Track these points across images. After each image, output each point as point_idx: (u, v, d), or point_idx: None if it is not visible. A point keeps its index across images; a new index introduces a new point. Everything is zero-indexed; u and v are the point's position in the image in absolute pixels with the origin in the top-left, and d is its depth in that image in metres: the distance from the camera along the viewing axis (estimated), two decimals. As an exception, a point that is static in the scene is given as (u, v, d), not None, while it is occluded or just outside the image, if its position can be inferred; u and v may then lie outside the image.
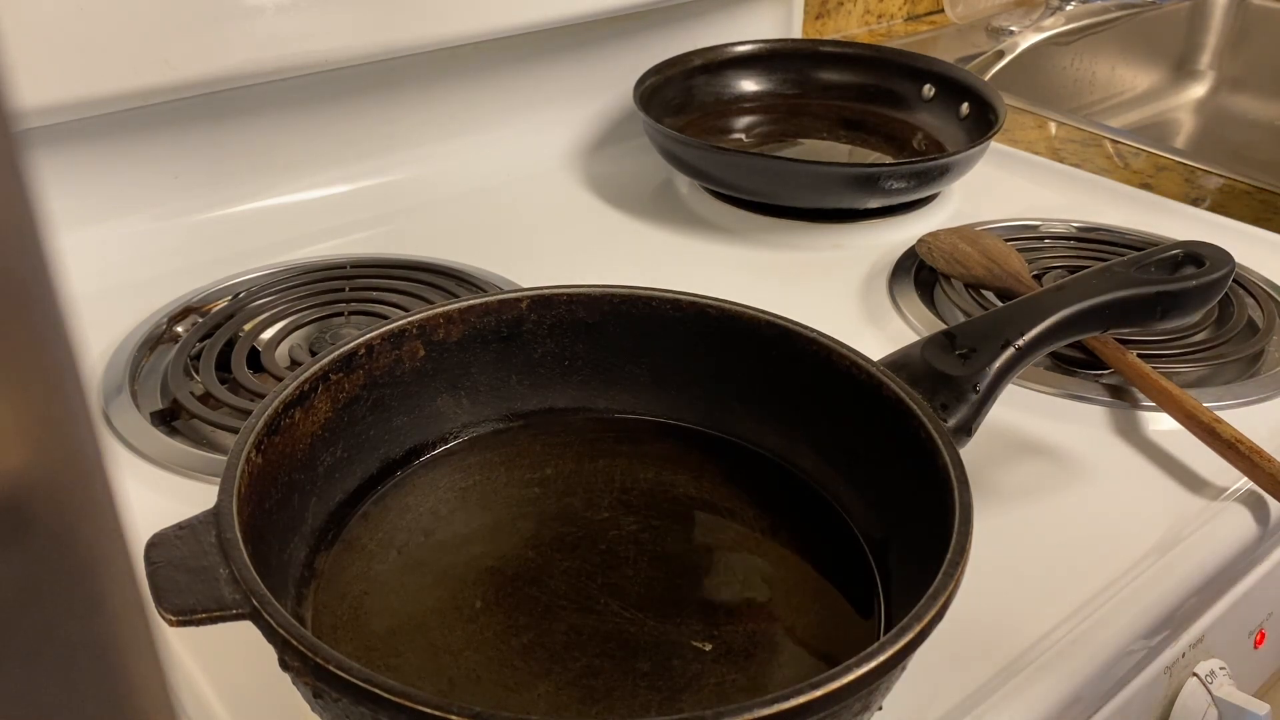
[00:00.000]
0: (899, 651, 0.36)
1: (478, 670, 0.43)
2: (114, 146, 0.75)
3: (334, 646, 0.35)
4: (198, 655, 0.47)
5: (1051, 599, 0.51)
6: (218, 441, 0.60)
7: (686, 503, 0.52)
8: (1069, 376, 0.66)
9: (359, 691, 0.34)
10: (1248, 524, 0.56)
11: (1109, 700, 0.52)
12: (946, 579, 0.38)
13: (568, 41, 0.93)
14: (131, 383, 0.64)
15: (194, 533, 0.39)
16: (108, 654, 0.15)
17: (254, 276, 0.74)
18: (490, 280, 0.74)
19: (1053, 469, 0.60)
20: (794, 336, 0.52)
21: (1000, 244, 0.75)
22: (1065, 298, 0.56)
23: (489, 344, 0.54)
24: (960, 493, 0.42)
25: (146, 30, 0.70)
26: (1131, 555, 0.54)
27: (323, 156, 0.84)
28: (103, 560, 0.15)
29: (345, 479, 0.50)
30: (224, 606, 0.37)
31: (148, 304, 0.71)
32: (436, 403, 0.53)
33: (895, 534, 0.48)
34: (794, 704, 0.34)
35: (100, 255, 0.73)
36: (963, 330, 0.54)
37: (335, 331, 0.68)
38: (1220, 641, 0.59)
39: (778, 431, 0.54)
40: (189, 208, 0.79)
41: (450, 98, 0.89)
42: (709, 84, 0.98)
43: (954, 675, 0.47)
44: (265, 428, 0.44)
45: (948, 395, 0.50)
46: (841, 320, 0.72)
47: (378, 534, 0.49)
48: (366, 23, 0.78)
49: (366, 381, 0.50)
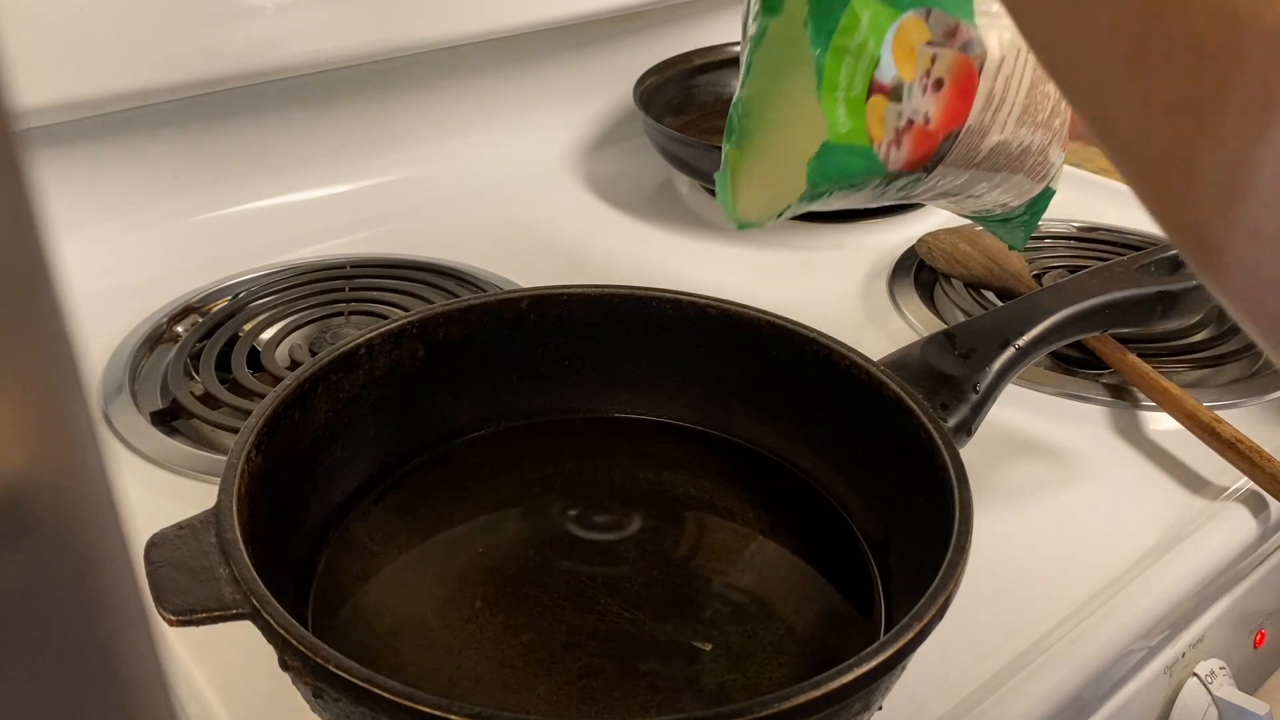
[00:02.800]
0: (899, 651, 0.36)
1: (478, 670, 0.43)
2: (114, 146, 0.75)
3: (334, 647, 0.35)
4: (198, 655, 0.47)
5: (1051, 599, 0.51)
6: (218, 441, 0.60)
7: (686, 503, 0.52)
8: (1069, 376, 0.66)
9: (359, 691, 0.34)
10: (1248, 524, 0.56)
11: (1109, 700, 0.52)
12: (946, 579, 0.38)
13: (568, 41, 0.93)
14: (131, 383, 0.64)
15: (194, 533, 0.39)
16: (108, 654, 0.15)
17: (254, 276, 0.74)
18: (490, 280, 0.74)
19: (1053, 469, 0.60)
20: (794, 336, 0.52)
21: (1000, 244, 0.75)
22: (1065, 298, 0.56)
23: (489, 344, 0.54)
24: (960, 492, 0.42)
25: (146, 30, 0.70)
26: (1131, 555, 0.54)
27: (323, 156, 0.84)
28: (103, 560, 0.15)
29: (345, 479, 0.50)
30: (224, 606, 0.37)
31: (148, 304, 0.71)
32: (436, 403, 0.53)
33: (895, 534, 0.48)
34: (794, 704, 0.34)
35: (100, 255, 0.73)
36: (963, 330, 0.54)
37: (335, 331, 0.68)
38: (1220, 641, 0.59)
39: (778, 431, 0.54)
40: (189, 208, 0.79)
41: (450, 98, 0.89)
42: (709, 84, 0.98)
43: (954, 675, 0.47)
44: (265, 428, 0.44)
45: (948, 395, 0.50)
46: (841, 320, 0.72)
47: (378, 534, 0.49)
48: (366, 23, 0.78)
49: (366, 381, 0.50)
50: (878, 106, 0.42)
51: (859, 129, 0.43)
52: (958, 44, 0.43)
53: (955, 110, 0.44)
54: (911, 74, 0.42)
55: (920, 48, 0.42)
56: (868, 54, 0.41)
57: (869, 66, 0.42)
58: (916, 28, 0.42)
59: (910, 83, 0.42)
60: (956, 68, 0.43)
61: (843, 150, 0.43)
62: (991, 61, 0.44)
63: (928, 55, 0.42)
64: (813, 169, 0.43)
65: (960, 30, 0.43)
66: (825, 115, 0.42)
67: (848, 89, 0.42)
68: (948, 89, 0.43)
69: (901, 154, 0.44)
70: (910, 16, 0.42)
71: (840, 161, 0.43)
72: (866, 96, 0.42)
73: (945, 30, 0.43)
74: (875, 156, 0.43)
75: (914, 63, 0.42)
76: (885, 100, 0.42)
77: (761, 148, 0.44)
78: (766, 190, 0.45)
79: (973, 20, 0.43)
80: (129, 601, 0.15)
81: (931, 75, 0.43)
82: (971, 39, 0.43)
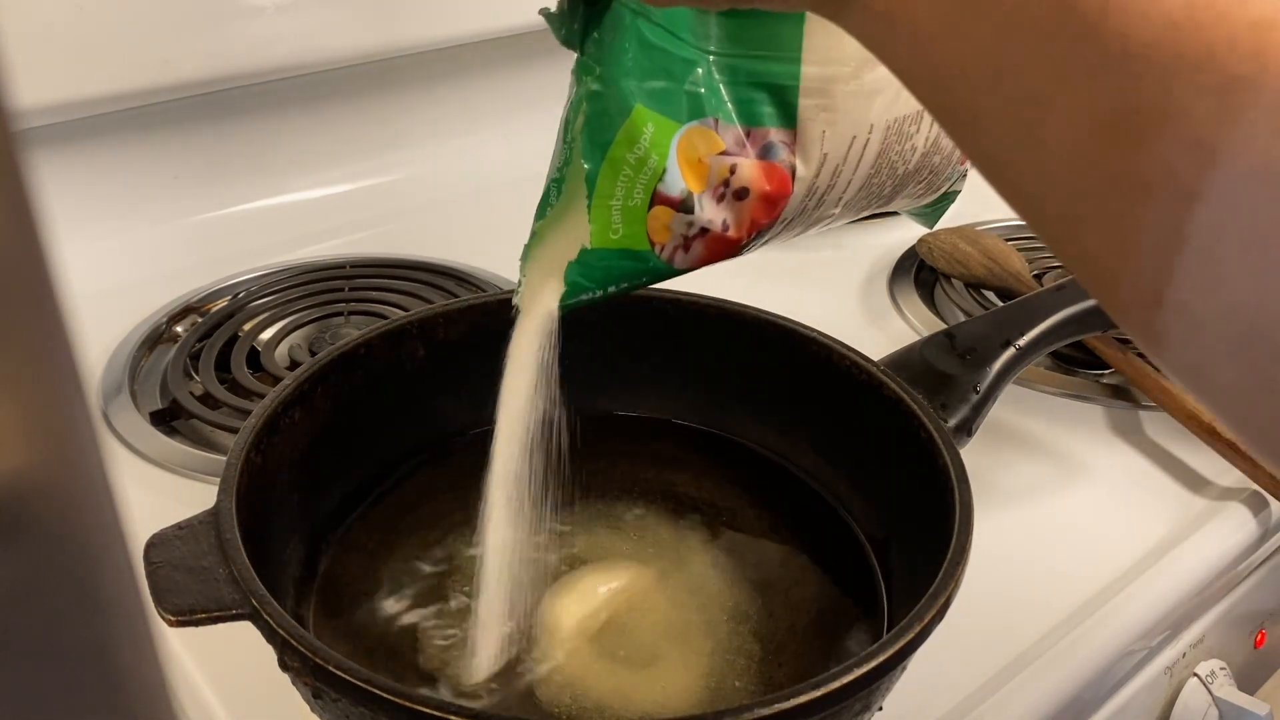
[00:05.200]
0: (899, 651, 0.36)
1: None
2: (114, 146, 0.75)
3: (334, 647, 0.35)
4: (198, 655, 0.47)
5: (1051, 599, 0.51)
6: (217, 441, 0.60)
7: (686, 502, 0.52)
8: (1069, 376, 0.66)
9: (359, 691, 0.34)
10: (1248, 524, 0.56)
11: (1109, 700, 0.52)
12: (947, 579, 0.38)
13: (568, 41, 0.93)
14: (131, 383, 0.64)
15: (194, 533, 0.39)
16: (108, 654, 0.15)
17: (254, 276, 0.74)
18: (490, 280, 0.74)
19: (1053, 469, 0.60)
20: (794, 336, 0.52)
21: (1000, 244, 0.75)
22: (1065, 297, 0.56)
23: (489, 344, 0.54)
24: (960, 492, 0.42)
25: (146, 30, 0.70)
26: (1131, 555, 0.54)
27: (323, 156, 0.84)
28: (103, 560, 0.15)
29: (345, 479, 0.50)
30: (224, 607, 0.37)
31: (148, 304, 0.71)
32: (436, 403, 0.53)
33: (896, 534, 0.48)
34: (794, 704, 0.34)
35: (100, 255, 0.73)
36: (963, 330, 0.54)
37: (335, 331, 0.68)
38: (1221, 641, 0.59)
39: (778, 431, 0.53)
40: (189, 208, 0.79)
41: (450, 98, 0.89)
42: (709, 84, 0.98)
43: (954, 675, 0.47)
44: (265, 428, 0.44)
45: (948, 395, 0.50)
46: (841, 320, 0.72)
47: (377, 534, 0.49)
48: (366, 23, 0.78)
49: (366, 381, 0.50)
50: (662, 215, 0.40)
51: (637, 234, 0.40)
52: (756, 150, 0.40)
53: (761, 213, 0.41)
54: (701, 186, 0.39)
55: (711, 159, 0.39)
56: (649, 167, 0.39)
57: (651, 179, 0.39)
58: (704, 137, 0.39)
59: (700, 194, 0.39)
60: (760, 175, 0.40)
61: (612, 254, 0.40)
62: (811, 162, 0.41)
63: (724, 165, 0.39)
64: (572, 270, 0.41)
65: (755, 136, 0.40)
66: (591, 222, 0.40)
67: (625, 199, 0.39)
68: (754, 198, 0.40)
69: (691, 256, 0.41)
70: (695, 127, 0.39)
71: (608, 265, 0.41)
72: (648, 207, 0.39)
73: (736, 139, 0.39)
74: (655, 258, 0.41)
75: (704, 174, 0.39)
76: (672, 211, 0.39)
77: (549, 236, 0.42)
78: (546, 282, 0.42)
79: (772, 122, 0.40)
80: (129, 601, 0.15)
81: (732, 185, 0.40)
82: (771, 143, 0.40)
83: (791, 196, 0.41)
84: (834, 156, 0.41)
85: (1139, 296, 0.27)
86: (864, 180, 0.43)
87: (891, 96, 0.41)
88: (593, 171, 0.39)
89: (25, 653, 0.14)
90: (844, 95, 0.40)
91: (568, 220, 0.41)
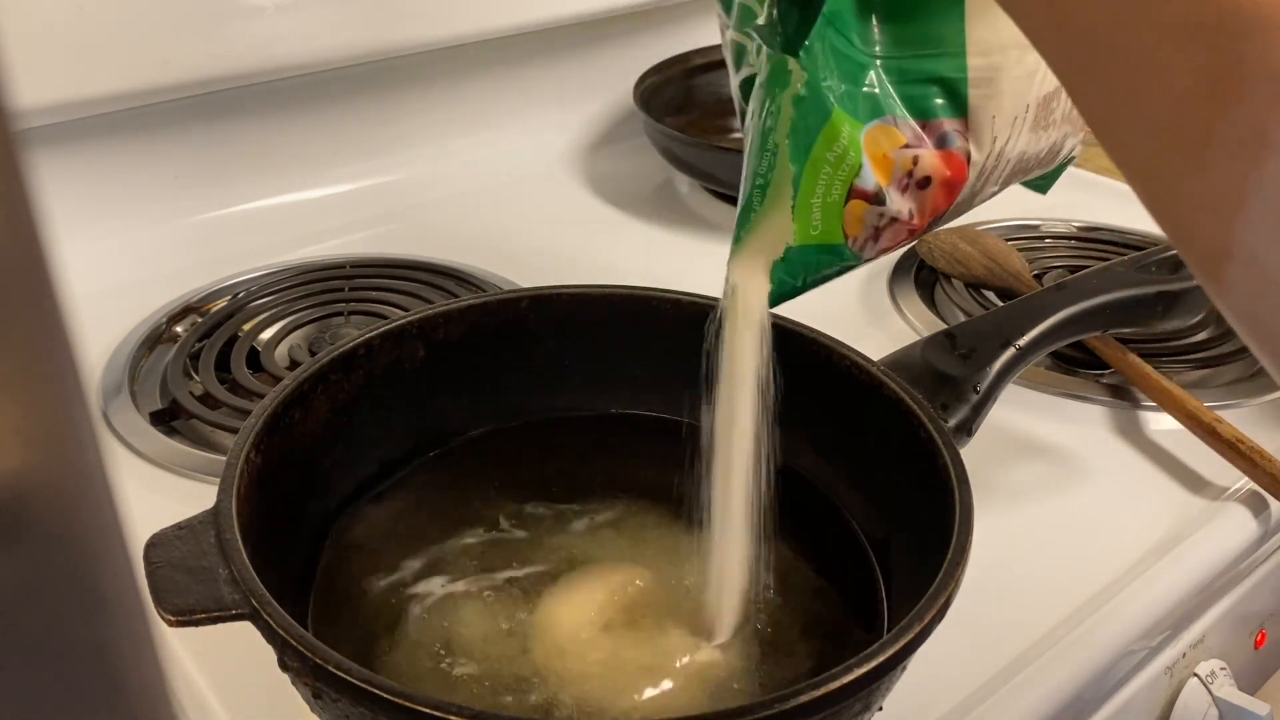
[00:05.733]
0: (899, 651, 0.36)
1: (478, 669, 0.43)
2: (114, 146, 0.75)
3: (334, 647, 0.35)
4: (198, 655, 0.47)
5: (1051, 599, 0.51)
6: (217, 441, 0.60)
7: (687, 502, 0.52)
8: (1069, 376, 0.66)
9: (359, 692, 0.34)
10: (1248, 524, 0.56)
11: (1109, 700, 0.52)
12: (947, 579, 0.38)
13: (567, 41, 0.93)
14: (131, 383, 0.64)
15: (193, 533, 0.39)
16: (107, 654, 0.15)
17: (254, 276, 0.74)
18: (490, 280, 0.74)
19: (1053, 469, 0.60)
20: (794, 336, 0.52)
21: (1000, 244, 0.75)
22: (1065, 298, 0.56)
23: (489, 344, 0.54)
24: (960, 492, 0.42)
25: (146, 30, 0.70)
26: (1131, 555, 0.54)
27: (323, 156, 0.84)
28: (103, 560, 0.15)
29: (345, 479, 0.50)
30: (224, 607, 0.37)
31: (147, 304, 0.71)
32: (436, 403, 0.53)
33: (895, 534, 0.48)
34: (794, 704, 0.34)
35: (100, 255, 0.73)
36: (963, 330, 0.54)
37: (335, 331, 0.68)
38: (1221, 641, 0.59)
39: (778, 431, 0.53)
40: (189, 208, 0.79)
41: (450, 98, 0.89)
42: (709, 84, 0.98)
43: (954, 675, 0.47)
44: (265, 428, 0.44)
45: (948, 395, 0.50)
46: (841, 320, 0.72)
47: (377, 534, 0.49)
48: (366, 23, 0.78)
49: (366, 381, 0.50)
50: (856, 209, 0.43)
51: (833, 229, 0.43)
52: (933, 140, 0.43)
53: (941, 199, 0.44)
54: (887, 179, 0.43)
55: (894, 152, 0.43)
56: (847, 164, 0.42)
57: (849, 175, 0.42)
58: (886, 134, 0.42)
59: (887, 187, 0.43)
60: (940, 163, 0.43)
61: (811, 249, 0.44)
62: (983, 146, 0.44)
63: (907, 157, 0.43)
64: (778, 269, 0.44)
65: (931, 128, 0.43)
66: (795, 220, 0.43)
67: (825, 195, 0.42)
68: (936, 185, 0.43)
69: (878, 246, 0.44)
70: (877, 124, 0.42)
71: (807, 260, 0.44)
72: (845, 202, 0.43)
73: (914, 133, 0.43)
74: (848, 250, 0.44)
75: (889, 168, 0.42)
76: (865, 204, 0.43)
77: (754, 240, 0.45)
78: (754, 283, 0.45)
79: (945, 114, 0.43)
80: (129, 601, 0.15)
81: (915, 176, 0.43)
82: (947, 132, 0.43)
83: (967, 180, 0.44)
84: (1001, 138, 0.44)
85: (1213, 249, 0.28)
86: (1019, 156, 0.46)
87: (1041, 75, 0.44)
88: (798, 173, 0.42)
89: (25, 653, 0.14)
90: (1008, 80, 0.44)
91: (772, 222, 0.44)
